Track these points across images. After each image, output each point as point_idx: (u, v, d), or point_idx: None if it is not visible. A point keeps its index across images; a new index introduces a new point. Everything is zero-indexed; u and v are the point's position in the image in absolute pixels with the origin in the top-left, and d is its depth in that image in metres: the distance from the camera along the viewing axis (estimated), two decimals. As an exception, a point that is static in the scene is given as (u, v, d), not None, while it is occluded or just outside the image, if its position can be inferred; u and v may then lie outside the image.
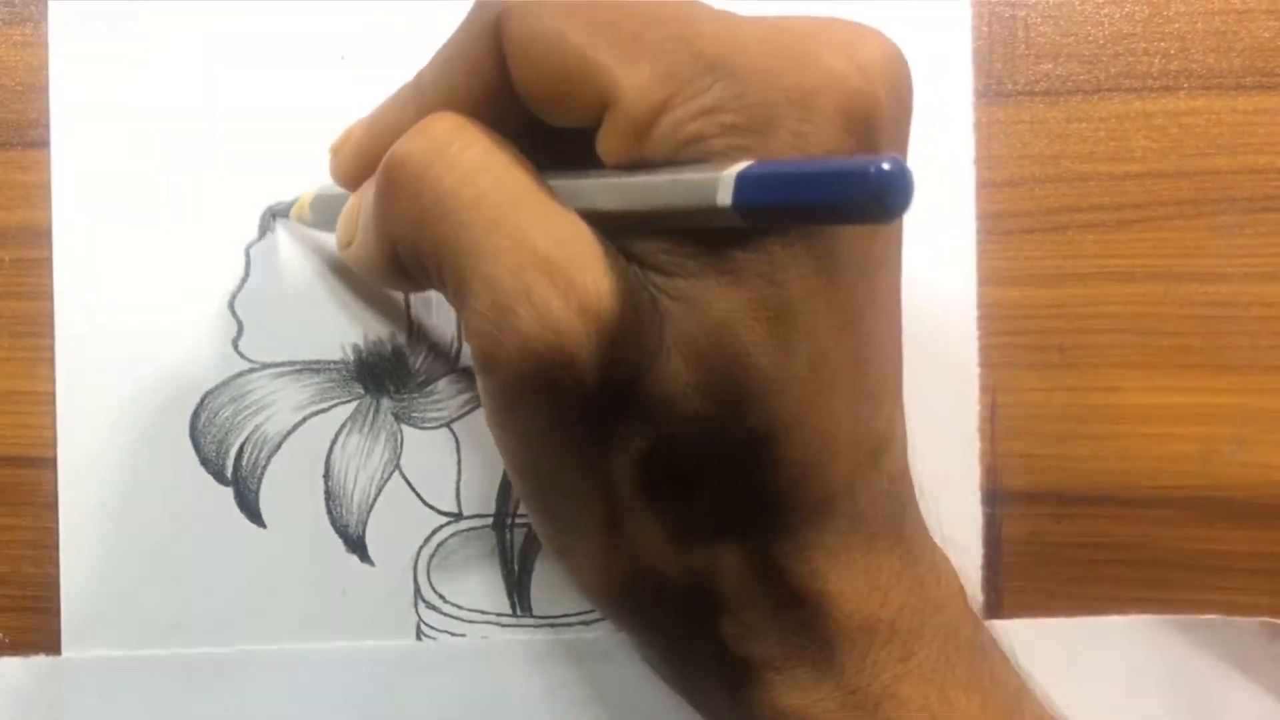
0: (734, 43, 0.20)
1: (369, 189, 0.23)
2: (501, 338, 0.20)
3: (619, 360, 0.20)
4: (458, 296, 0.21)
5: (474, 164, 0.21)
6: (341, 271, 0.31)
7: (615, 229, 0.21)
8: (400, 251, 0.23)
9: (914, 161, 0.31)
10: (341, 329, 0.31)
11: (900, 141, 0.22)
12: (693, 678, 0.25)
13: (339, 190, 0.27)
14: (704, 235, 0.20)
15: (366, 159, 0.25)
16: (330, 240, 0.29)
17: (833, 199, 0.17)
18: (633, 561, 0.23)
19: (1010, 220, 0.31)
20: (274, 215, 0.31)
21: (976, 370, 0.31)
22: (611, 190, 0.21)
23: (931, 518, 0.25)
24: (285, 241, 0.31)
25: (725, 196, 0.18)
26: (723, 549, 0.22)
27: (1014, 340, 0.31)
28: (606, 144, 0.21)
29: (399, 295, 0.31)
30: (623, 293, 0.20)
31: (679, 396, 0.21)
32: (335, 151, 0.27)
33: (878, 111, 0.20)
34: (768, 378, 0.21)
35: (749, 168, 0.18)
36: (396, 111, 0.24)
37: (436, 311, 0.31)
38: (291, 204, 0.30)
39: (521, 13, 0.21)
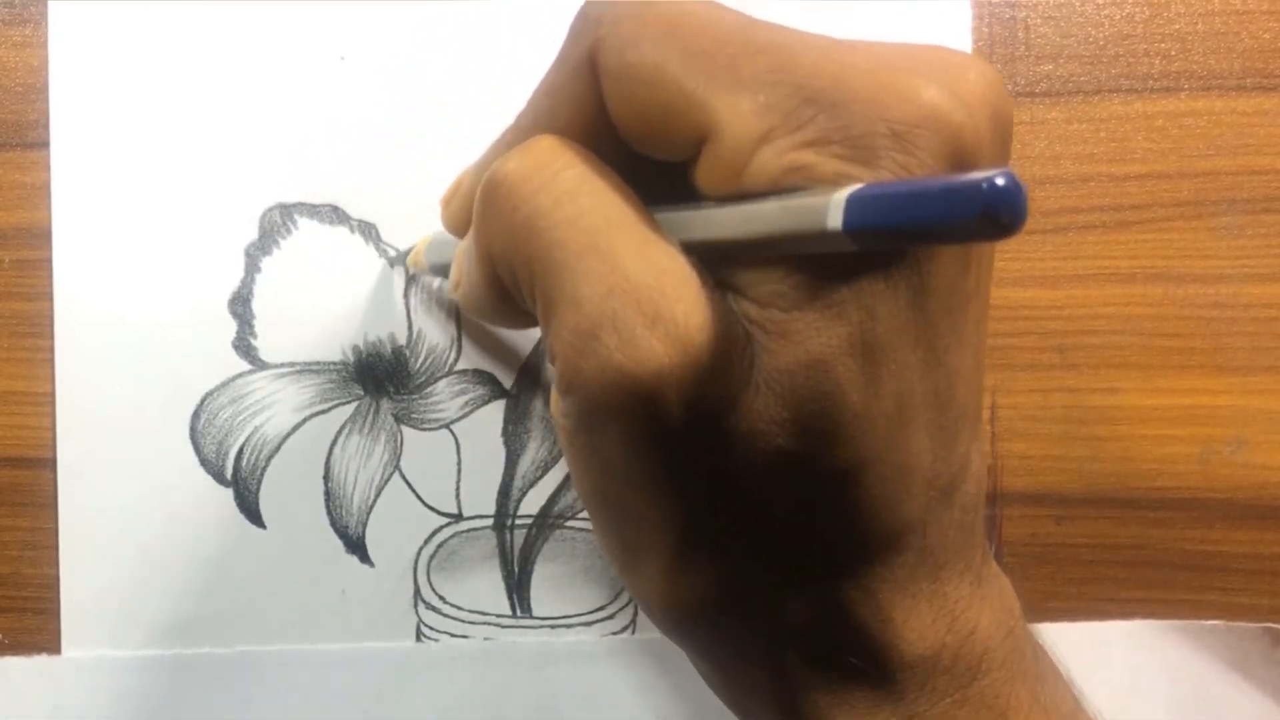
0: (836, 75, 0.19)
1: None
2: (582, 362, 0.20)
3: (704, 394, 0.20)
4: (544, 316, 0.21)
5: (572, 184, 0.21)
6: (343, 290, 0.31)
7: (713, 260, 0.21)
8: (498, 271, 0.22)
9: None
10: (341, 330, 0.31)
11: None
12: (746, 697, 0.25)
13: (451, 237, 0.27)
14: (803, 267, 0.20)
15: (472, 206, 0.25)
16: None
17: (947, 217, 0.16)
18: (696, 590, 0.23)
19: (1010, 221, 0.31)
20: (391, 264, 0.31)
21: (976, 371, 0.31)
22: (712, 219, 0.20)
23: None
24: (285, 243, 0.31)
25: (836, 219, 0.18)
26: (788, 582, 0.22)
27: (1014, 341, 0.31)
28: (705, 176, 0.21)
29: (399, 295, 0.31)
30: (715, 326, 0.20)
31: (765, 433, 0.20)
32: (446, 203, 0.27)
33: (980, 145, 0.20)
34: (856, 415, 0.20)
35: (860, 189, 0.18)
36: (501, 154, 0.24)
37: (436, 314, 0.31)
38: (407, 253, 0.30)
39: (616, 45, 0.21)
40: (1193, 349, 0.31)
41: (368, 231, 0.31)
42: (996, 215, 0.16)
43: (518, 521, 0.31)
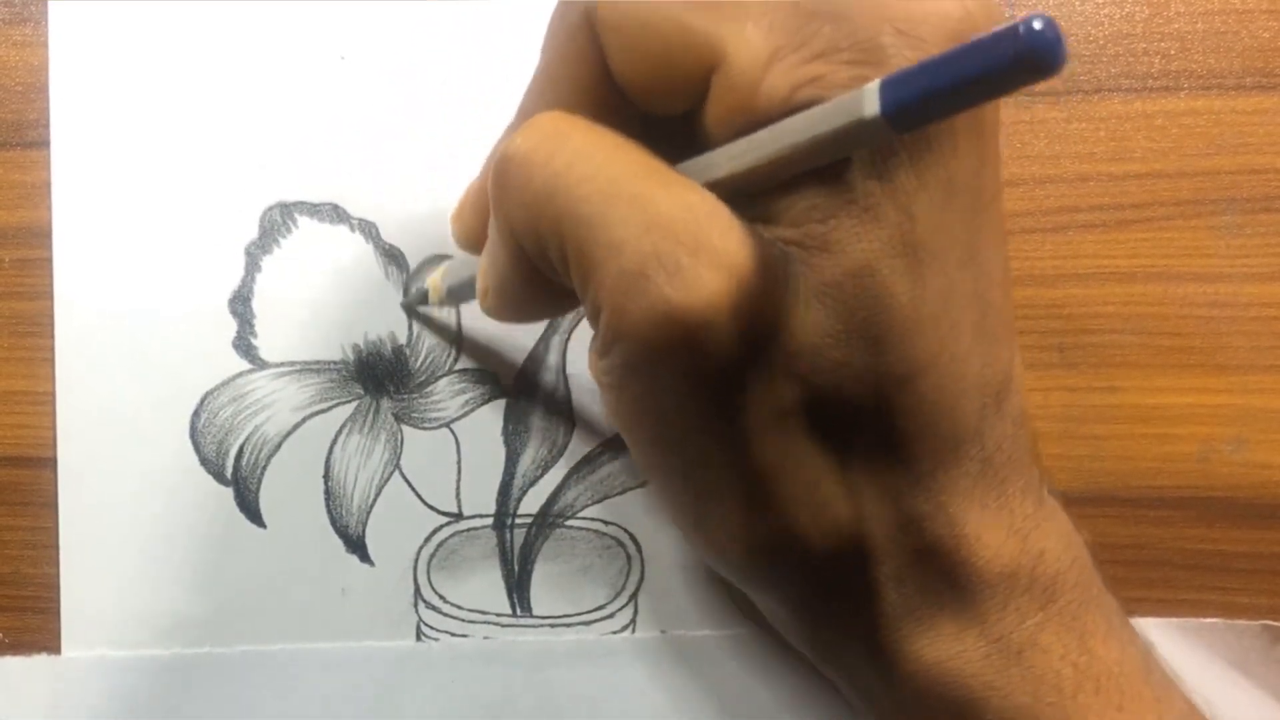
0: None
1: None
2: (631, 304, 0.20)
3: (756, 318, 0.20)
4: (581, 274, 0.21)
5: (582, 144, 0.21)
6: (344, 281, 0.31)
7: (736, 200, 0.21)
8: (524, 245, 0.22)
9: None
10: (341, 329, 0.31)
11: None
12: (830, 635, 0.24)
13: (464, 259, 0.27)
14: (832, 178, 0.20)
15: (486, 213, 0.24)
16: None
17: (988, 68, 0.16)
18: (773, 523, 0.22)
19: (1010, 220, 0.31)
20: (407, 309, 0.31)
21: (976, 370, 0.31)
22: (733, 153, 0.20)
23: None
24: (285, 242, 0.31)
25: (873, 106, 0.18)
26: (863, 501, 0.22)
27: (1014, 340, 0.31)
28: (716, 111, 0.20)
29: (400, 297, 0.31)
30: (754, 249, 0.20)
31: (820, 346, 0.20)
32: (457, 217, 0.27)
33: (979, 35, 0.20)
34: (906, 317, 0.20)
35: (894, 74, 0.18)
36: None
37: (436, 312, 0.31)
38: (423, 295, 0.30)
39: None
40: (1193, 348, 0.31)
41: (368, 230, 0.31)
42: (1038, 53, 0.16)
43: (518, 521, 0.31)
